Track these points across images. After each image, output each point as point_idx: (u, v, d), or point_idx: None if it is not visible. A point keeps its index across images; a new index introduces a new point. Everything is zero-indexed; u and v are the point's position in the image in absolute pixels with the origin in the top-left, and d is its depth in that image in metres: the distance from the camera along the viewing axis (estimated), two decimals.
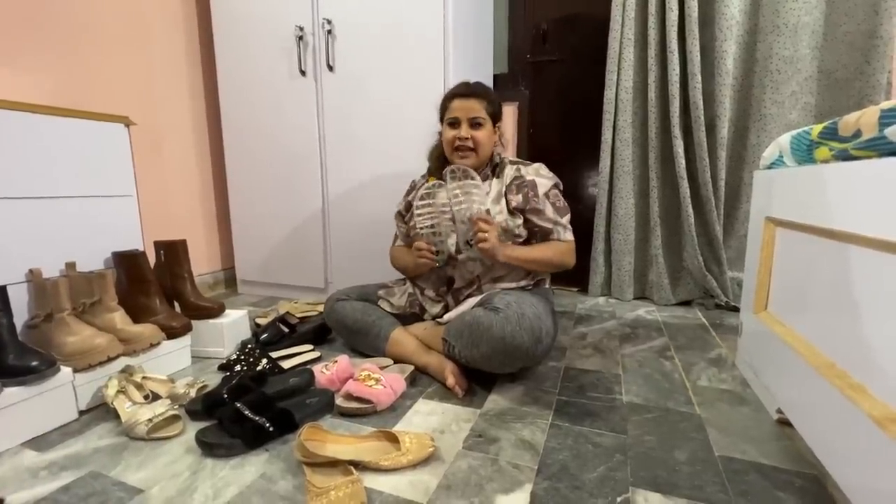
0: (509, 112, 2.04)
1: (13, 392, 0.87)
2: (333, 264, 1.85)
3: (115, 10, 1.61)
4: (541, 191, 1.20)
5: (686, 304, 1.86)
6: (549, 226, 1.21)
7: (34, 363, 0.90)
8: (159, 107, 1.79)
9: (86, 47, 1.53)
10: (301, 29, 1.69)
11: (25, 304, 1.05)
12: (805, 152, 0.88)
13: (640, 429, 0.92)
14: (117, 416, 0.92)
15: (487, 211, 1.18)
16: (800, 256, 0.88)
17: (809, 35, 1.58)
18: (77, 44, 1.50)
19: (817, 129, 0.83)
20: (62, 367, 0.95)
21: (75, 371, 0.97)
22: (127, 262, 1.20)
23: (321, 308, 1.58)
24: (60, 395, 0.94)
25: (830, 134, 0.78)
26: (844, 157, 0.73)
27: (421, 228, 1.15)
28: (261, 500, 0.72)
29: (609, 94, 1.79)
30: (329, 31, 1.65)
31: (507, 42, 2.05)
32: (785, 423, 0.92)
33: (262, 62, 1.79)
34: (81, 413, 0.98)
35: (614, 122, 1.81)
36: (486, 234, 1.09)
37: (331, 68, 1.69)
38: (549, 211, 1.21)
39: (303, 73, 1.73)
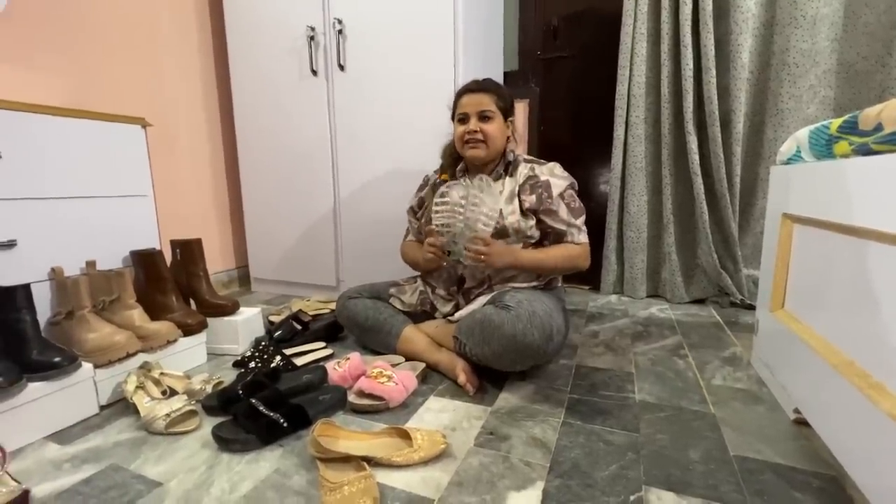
0: (520, 109, 2.03)
1: (37, 387, 0.89)
2: (345, 263, 1.87)
3: (129, 11, 1.64)
4: (555, 191, 1.19)
5: (700, 301, 1.83)
6: (563, 227, 1.20)
7: (57, 359, 0.92)
8: (173, 107, 1.82)
9: (100, 48, 1.56)
10: (313, 29, 1.70)
11: (48, 302, 1.08)
12: (824, 147, 0.86)
13: (652, 427, 0.92)
14: (136, 411, 0.95)
15: (500, 211, 1.17)
16: (818, 253, 0.87)
17: (828, 27, 1.54)
18: (91, 45, 1.53)
19: (836, 123, 0.81)
20: (83, 362, 0.98)
21: (96, 367, 1.00)
22: (144, 261, 1.23)
23: (333, 306, 1.60)
24: (82, 390, 0.97)
25: (850, 128, 0.76)
26: (865, 151, 0.71)
27: (436, 226, 1.15)
28: (275, 495, 0.73)
29: (621, 89, 1.77)
30: (340, 31, 1.66)
31: (518, 39, 2.04)
32: (802, 422, 0.90)
33: (274, 62, 1.81)
34: (102, 408, 1.01)
35: (626, 118, 1.80)
36: (483, 259, 1.09)
37: (342, 68, 1.70)
38: (564, 212, 1.19)
39: (314, 72, 1.74)
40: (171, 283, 1.25)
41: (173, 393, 1.01)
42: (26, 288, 0.95)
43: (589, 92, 1.96)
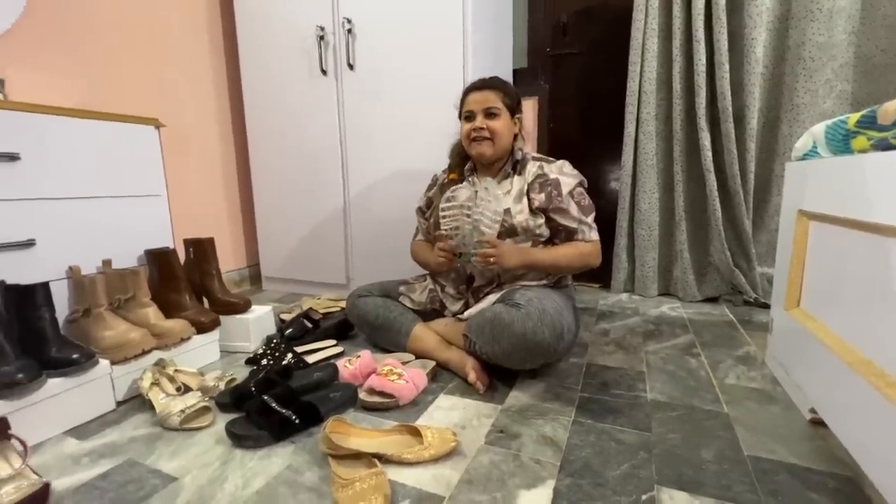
0: (529, 106, 2.02)
1: (56, 383, 0.91)
2: (354, 261, 1.88)
3: (141, 13, 1.66)
4: (564, 189, 1.18)
5: (712, 300, 1.81)
6: (574, 225, 1.19)
7: (75, 356, 0.94)
8: (185, 108, 1.85)
9: (113, 50, 1.58)
10: (322, 29, 1.71)
11: (66, 300, 1.10)
12: (841, 142, 0.84)
13: (664, 426, 0.91)
14: (152, 408, 0.96)
15: (507, 210, 1.17)
16: (835, 251, 0.85)
17: (846, 20, 1.51)
18: (104, 47, 1.56)
19: (854, 117, 0.80)
20: (100, 359, 1.00)
21: (112, 364, 1.01)
22: (158, 260, 1.25)
23: (343, 304, 1.61)
24: (99, 387, 0.99)
25: (869, 122, 0.74)
26: (884, 146, 0.69)
27: (445, 230, 1.16)
28: (288, 491, 0.74)
29: (632, 86, 1.75)
30: (349, 31, 1.67)
31: (527, 36, 2.03)
32: (818, 422, 0.89)
33: (284, 62, 1.82)
34: (119, 404, 1.03)
35: (637, 114, 1.78)
36: (493, 261, 1.09)
37: (351, 67, 1.70)
38: (574, 210, 1.19)
39: (324, 72, 1.75)
40: (184, 282, 1.27)
41: (187, 389, 1.03)
42: (45, 286, 0.97)
43: (599, 88, 1.95)
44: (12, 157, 1.00)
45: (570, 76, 2.00)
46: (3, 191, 0.99)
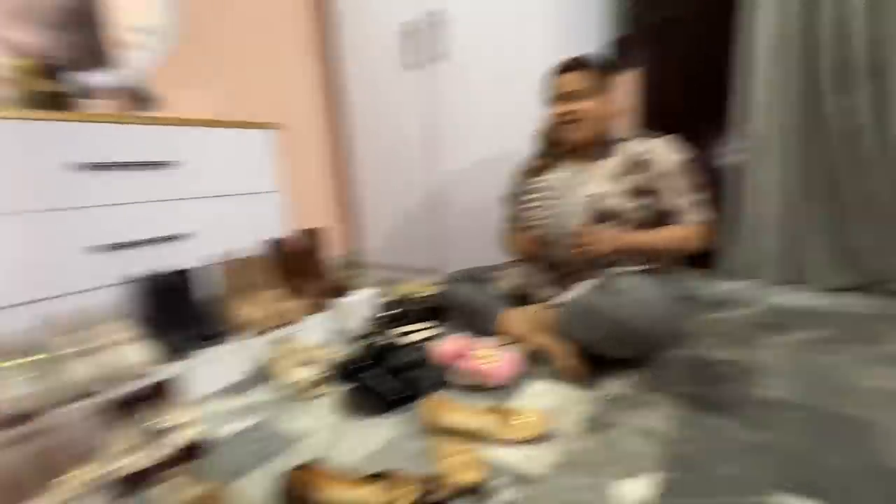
0: (627, 80, 1.89)
1: (210, 352, 1.10)
2: (448, 248, 1.95)
3: (256, 29, 1.88)
4: (665, 168, 1.11)
5: (849, 289, 1.56)
6: (676, 206, 1.12)
7: (223, 329, 1.13)
8: (293, 106, 2.06)
9: (235, 63, 1.81)
10: (413, 22, 1.77)
11: (213, 283, 1.31)
12: None
13: (784, 427, 0.83)
14: (279, 377, 1.12)
15: (601, 193, 1.13)
16: None
17: None
18: (228, 61, 1.79)
19: None
20: (240, 333, 1.18)
21: (249, 337, 1.19)
22: (280, 248, 1.42)
23: (437, 289, 1.68)
24: (239, 357, 1.17)
25: None
26: None
27: (533, 219, 1.16)
28: (394, 457, 0.82)
29: (744, 51, 1.55)
30: (440, 22, 1.71)
31: (625, 3, 1.89)
32: None
33: (378, 56, 1.92)
34: (254, 371, 1.21)
35: (751, 82, 1.58)
36: (587, 250, 1.07)
37: (442, 58, 1.74)
38: (675, 190, 1.11)
39: (416, 64, 1.82)
40: (300, 268, 1.43)
41: (308, 362, 1.17)
42: (200, 271, 1.17)
43: (706, 57, 1.75)
44: (171, 164, 1.21)
45: (674, 44, 1.82)
46: (166, 192, 1.21)
